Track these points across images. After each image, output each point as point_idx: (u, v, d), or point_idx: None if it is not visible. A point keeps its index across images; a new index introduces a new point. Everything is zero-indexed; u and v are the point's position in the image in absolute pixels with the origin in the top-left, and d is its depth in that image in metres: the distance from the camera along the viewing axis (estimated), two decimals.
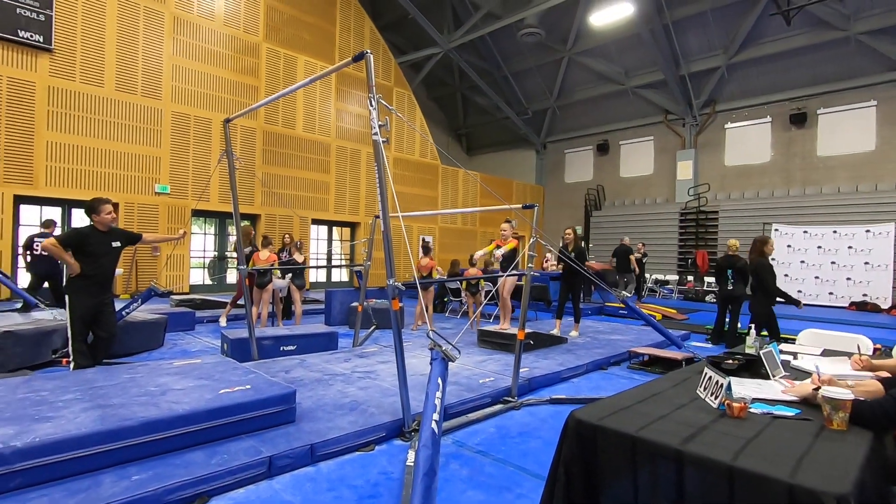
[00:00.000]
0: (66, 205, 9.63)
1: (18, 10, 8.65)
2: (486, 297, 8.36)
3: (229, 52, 11.53)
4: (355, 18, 14.18)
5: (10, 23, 8.58)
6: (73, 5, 9.35)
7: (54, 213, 9.57)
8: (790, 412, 1.94)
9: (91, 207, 4.18)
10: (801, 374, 2.62)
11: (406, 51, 17.31)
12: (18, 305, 7.68)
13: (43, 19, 8.91)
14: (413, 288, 3.28)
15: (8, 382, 3.19)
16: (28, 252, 7.40)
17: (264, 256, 6.92)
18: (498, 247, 6.59)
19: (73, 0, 9.33)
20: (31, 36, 8.80)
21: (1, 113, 8.63)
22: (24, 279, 9.06)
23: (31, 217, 9.35)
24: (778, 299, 6.18)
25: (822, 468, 1.42)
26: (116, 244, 4.30)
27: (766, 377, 2.49)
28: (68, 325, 4.05)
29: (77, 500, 2.19)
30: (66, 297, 4.05)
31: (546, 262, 10.07)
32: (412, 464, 2.75)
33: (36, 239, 7.35)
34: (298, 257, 8.00)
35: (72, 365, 4.06)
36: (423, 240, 15.05)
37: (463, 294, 8.94)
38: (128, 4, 9.99)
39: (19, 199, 9.02)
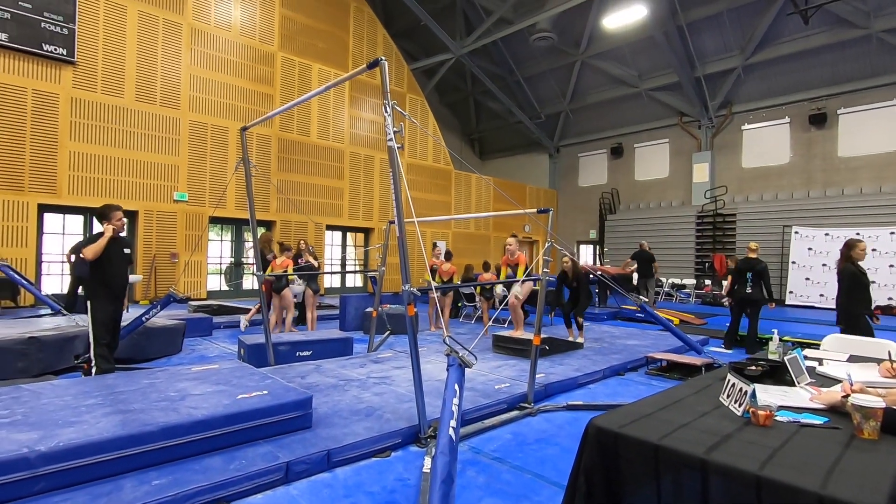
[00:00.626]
0: (88, 213, 9.84)
1: (43, 25, 8.91)
2: (501, 303, 8.32)
3: (245, 62, 11.72)
4: (368, 26, 14.32)
5: (35, 37, 8.84)
6: (95, 19, 9.60)
7: (76, 221, 9.80)
8: (818, 420, 1.88)
9: (103, 214, 4.27)
10: (828, 381, 2.55)
11: (418, 57, 17.42)
12: (43, 312, 7.87)
13: (66, 33, 9.16)
14: (426, 293, 3.27)
15: (33, 387, 3.25)
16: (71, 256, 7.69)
17: (279, 262, 6.99)
18: (508, 266, 6.55)
19: (95, 14, 9.59)
20: (56, 49, 9.05)
21: (26, 124, 8.88)
22: (48, 286, 9.29)
23: (55, 225, 9.58)
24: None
25: (854, 479, 1.38)
26: (127, 251, 4.41)
27: (792, 384, 2.43)
28: (90, 329, 4.13)
29: None
30: (88, 303, 4.14)
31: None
32: (429, 470, 2.73)
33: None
34: (313, 262, 8.05)
35: (94, 369, 4.13)
36: (435, 244, 15.08)
37: (477, 299, 8.92)
38: (147, 17, 10.22)
39: (43, 208, 9.25)
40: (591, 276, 9.84)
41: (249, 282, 12.33)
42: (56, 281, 9.65)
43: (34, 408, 2.83)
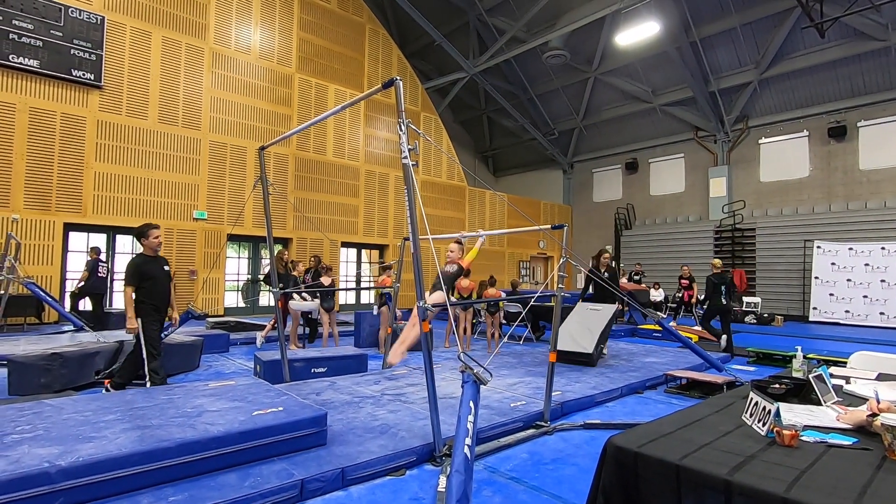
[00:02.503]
0: (111, 231, 10.10)
1: (73, 52, 9.30)
2: (518, 319, 8.27)
3: (264, 84, 12.04)
4: (383, 47, 14.63)
5: (65, 63, 9.21)
6: (122, 45, 9.98)
7: (100, 239, 10.05)
8: (846, 441, 1.82)
9: (140, 232, 4.42)
10: (855, 400, 2.46)
11: (432, 76, 17.69)
12: (66, 328, 8.03)
13: (94, 59, 9.54)
14: (445, 310, 3.26)
15: (55, 402, 3.31)
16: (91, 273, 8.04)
17: (381, 279, 7.34)
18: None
19: (121, 40, 9.97)
20: (84, 74, 9.42)
21: (55, 146, 9.21)
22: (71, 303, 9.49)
23: (79, 244, 9.84)
24: None
25: (888, 503, 1.32)
26: (166, 268, 4.53)
27: (817, 403, 2.36)
28: (143, 347, 4.25)
29: None
30: (140, 322, 4.24)
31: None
32: (444, 490, 2.69)
33: (100, 263, 8.25)
34: (325, 280, 8.10)
35: (148, 383, 4.26)
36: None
37: (482, 314, 8.87)
38: (171, 42, 10.60)
39: (69, 227, 9.52)
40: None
41: (266, 298, 12.45)
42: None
43: (56, 423, 2.88)
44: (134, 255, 4.50)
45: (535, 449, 3.56)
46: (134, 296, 4.21)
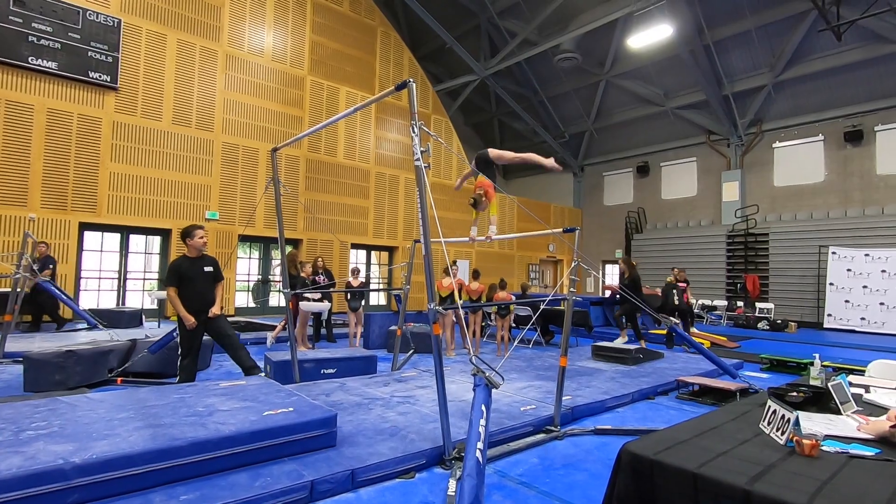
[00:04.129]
0: (125, 231, 10.23)
1: (90, 54, 9.44)
2: (529, 323, 8.23)
3: (276, 86, 12.13)
4: (395, 50, 14.68)
5: (82, 65, 9.36)
6: (137, 47, 10.12)
7: (114, 239, 10.18)
8: (868, 451, 1.78)
9: (186, 233, 4.54)
10: (875, 409, 2.41)
11: (443, 79, 17.72)
12: (80, 326, 8.14)
13: (111, 61, 9.68)
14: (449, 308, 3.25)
15: (69, 400, 3.34)
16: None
17: (447, 283, 7.53)
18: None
19: (137, 43, 10.11)
20: (100, 76, 9.56)
21: (71, 147, 9.35)
22: (86, 301, 9.63)
23: (94, 243, 9.97)
24: None
25: None
26: (208, 269, 4.57)
27: (837, 412, 2.31)
28: (179, 342, 4.46)
29: None
30: (178, 321, 4.43)
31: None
32: (454, 493, 2.68)
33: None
34: (354, 282, 8.13)
35: (178, 378, 4.46)
36: (454, 263, 15.09)
37: (493, 317, 8.84)
38: (186, 45, 10.72)
39: (84, 226, 9.65)
40: (619, 296, 9.76)
41: (276, 299, 12.52)
42: (93, 296, 10.00)
43: (70, 420, 2.91)
44: (177, 258, 4.57)
45: (546, 454, 3.54)
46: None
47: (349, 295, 7.85)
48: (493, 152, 4.98)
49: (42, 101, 9.06)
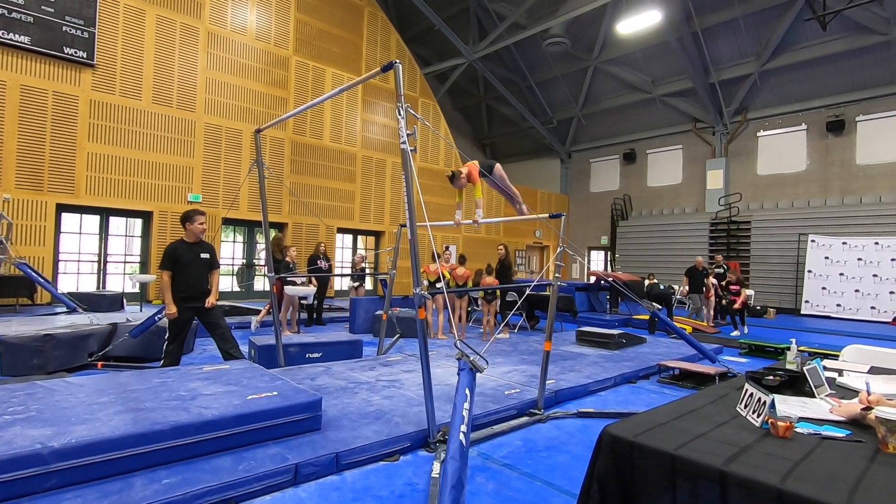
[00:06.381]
0: (105, 213, 9.99)
1: (65, 28, 9.09)
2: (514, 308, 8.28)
3: (260, 66, 11.85)
4: (382, 31, 14.41)
5: (57, 40, 9.01)
6: (115, 23, 9.77)
7: (93, 221, 9.94)
8: (840, 433, 1.83)
9: (187, 217, 4.45)
10: (848, 393, 2.48)
11: (431, 62, 17.48)
12: (59, 309, 7.98)
13: (87, 36, 9.34)
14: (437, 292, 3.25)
15: (47, 384, 3.29)
16: None
17: (461, 273, 7.68)
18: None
19: (115, 18, 9.76)
20: (76, 52, 9.22)
21: (47, 126, 9.05)
22: (64, 284, 9.43)
23: (72, 225, 9.73)
24: None
25: (881, 495, 1.33)
26: (205, 256, 4.51)
27: (811, 395, 2.37)
28: (168, 327, 4.41)
29: (110, 502, 2.22)
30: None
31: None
32: (438, 475, 2.71)
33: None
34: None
35: (161, 363, 4.44)
36: (446, 248, 15.08)
37: (479, 302, 8.90)
38: (165, 21, 10.38)
39: (61, 208, 9.40)
40: (603, 282, 9.89)
41: (261, 283, 12.41)
42: (72, 280, 9.79)
43: (48, 404, 2.86)
44: (174, 241, 4.48)
45: (529, 436, 3.59)
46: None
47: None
48: (498, 170, 5.10)
49: (15, 78, 8.73)
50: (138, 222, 10.56)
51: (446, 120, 16.77)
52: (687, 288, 10.04)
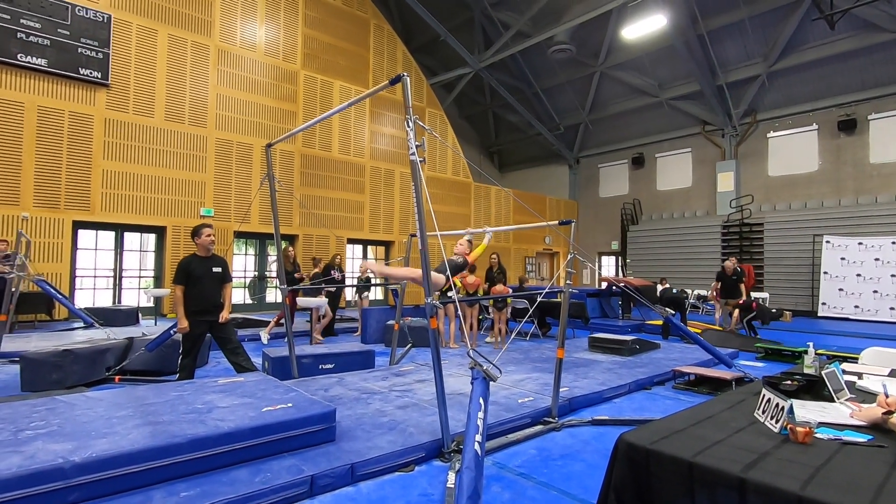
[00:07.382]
0: (120, 229, 10.17)
1: (80, 50, 9.34)
2: (526, 316, 8.26)
3: (269, 81, 12.05)
4: (388, 43, 14.59)
5: (72, 62, 9.26)
6: (128, 43, 10.01)
7: (108, 237, 10.12)
8: (861, 438, 1.80)
9: (194, 231, 4.55)
10: (868, 397, 2.44)
11: (437, 72, 17.63)
12: (76, 325, 8.11)
13: (101, 57, 9.58)
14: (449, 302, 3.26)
15: (67, 399, 3.34)
16: None
17: (472, 281, 7.66)
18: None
19: (128, 38, 10.01)
20: (91, 73, 9.46)
21: (63, 145, 9.27)
22: (81, 300, 9.59)
23: (88, 241, 9.92)
24: None
25: None
26: (217, 270, 4.57)
27: (830, 399, 2.34)
28: (181, 341, 4.49)
29: None
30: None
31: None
32: (453, 485, 2.70)
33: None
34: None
35: (177, 376, 4.51)
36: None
37: (490, 310, 8.87)
38: (177, 40, 10.62)
39: (77, 225, 9.59)
40: (615, 287, 9.79)
41: (273, 295, 12.51)
42: (89, 295, 9.96)
43: (69, 419, 2.91)
44: (187, 255, 4.56)
45: (544, 445, 3.56)
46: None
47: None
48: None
49: (32, 99, 8.97)
50: (152, 237, 10.73)
51: (453, 129, 16.87)
52: (716, 293, 9.76)
